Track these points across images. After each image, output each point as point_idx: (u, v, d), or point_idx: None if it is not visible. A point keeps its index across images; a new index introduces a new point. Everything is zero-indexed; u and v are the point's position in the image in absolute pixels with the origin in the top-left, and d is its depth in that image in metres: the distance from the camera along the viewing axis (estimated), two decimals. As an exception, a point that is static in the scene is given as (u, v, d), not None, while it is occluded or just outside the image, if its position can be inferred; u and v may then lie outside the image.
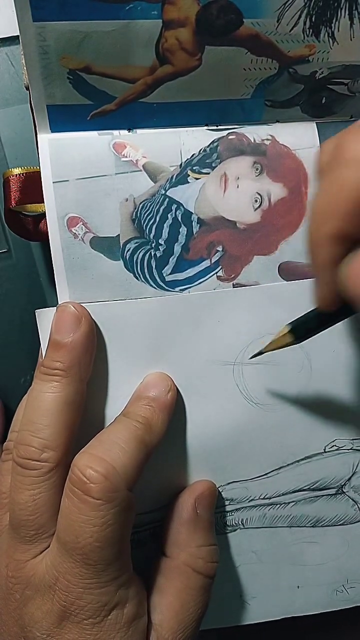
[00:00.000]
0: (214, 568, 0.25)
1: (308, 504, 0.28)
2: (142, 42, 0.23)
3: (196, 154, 0.26)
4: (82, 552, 0.21)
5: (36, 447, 0.23)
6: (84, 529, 0.21)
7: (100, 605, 0.21)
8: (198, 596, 0.24)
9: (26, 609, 0.22)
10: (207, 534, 0.25)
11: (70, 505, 0.21)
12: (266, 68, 0.24)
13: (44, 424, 0.23)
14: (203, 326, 0.26)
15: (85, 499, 0.21)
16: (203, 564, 0.24)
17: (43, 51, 0.23)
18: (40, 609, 0.22)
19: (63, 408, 0.23)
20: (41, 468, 0.22)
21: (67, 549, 0.21)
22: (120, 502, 0.21)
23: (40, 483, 0.22)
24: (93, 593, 0.21)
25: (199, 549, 0.25)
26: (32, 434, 0.23)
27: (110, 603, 0.21)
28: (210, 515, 0.26)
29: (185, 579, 0.24)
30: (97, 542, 0.21)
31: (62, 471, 0.23)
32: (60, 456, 0.23)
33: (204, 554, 0.25)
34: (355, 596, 0.29)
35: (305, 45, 0.24)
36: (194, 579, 0.24)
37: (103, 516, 0.21)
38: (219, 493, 0.27)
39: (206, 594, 0.24)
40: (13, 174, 0.27)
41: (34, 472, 0.23)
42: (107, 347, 0.25)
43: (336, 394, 0.27)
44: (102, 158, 0.25)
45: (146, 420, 0.24)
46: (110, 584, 0.21)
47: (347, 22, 0.23)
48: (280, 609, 0.28)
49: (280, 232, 0.26)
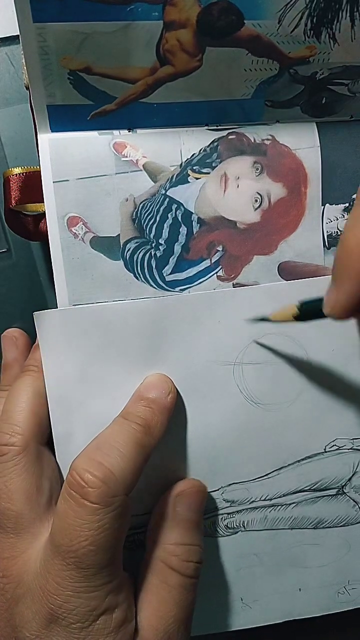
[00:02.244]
0: (191, 568, 0.24)
1: (309, 505, 0.28)
2: (142, 43, 0.23)
3: (196, 154, 0.26)
4: (75, 555, 0.21)
5: (5, 432, 0.24)
6: (79, 532, 0.21)
7: (89, 610, 0.21)
8: (177, 594, 0.23)
9: (17, 608, 0.22)
10: (185, 532, 0.25)
11: (66, 508, 0.21)
12: (267, 69, 0.25)
13: (15, 411, 0.25)
14: (203, 326, 0.26)
15: (83, 503, 0.21)
16: (178, 561, 0.24)
17: (43, 52, 0.23)
18: (30, 609, 0.21)
19: (32, 397, 0.25)
20: (8, 452, 0.24)
21: (60, 551, 0.21)
22: (117, 507, 0.21)
23: (10, 468, 0.24)
24: (82, 597, 0.21)
25: (176, 546, 0.24)
26: (4, 421, 0.25)
27: (99, 608, 0.21)
28: (191, 515, 0.25)
29: (161, 575, 0.24)
30: (92, 546, 0.21)
31: (31, 457, 0.24)
32: (26, 440, 0.24)
33: (180, 552, 0.24)
34: (357, 597, 0.29)
35: (306, 47, 0.24)
36: (169, 577, 0.24)
37: (99, 520, 0.21)
38: (220, 495, 0.27)
39: (187, 594, 0.24)
40: (13, 174, 0.27)
41: (3, 457, 0.24)
42: (107, 348, 0.25)
43: (336, 394, 0.27)
44: (102, 158, 0.25)
45: (145, 422, 0.24)
46: (100, 589, 0.21)
47: (348, 23, 0.24)
48: (282, 612, 0.28)
49: (280, 232, 0.26)
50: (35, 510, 0.23)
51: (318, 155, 0.26)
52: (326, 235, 0.27)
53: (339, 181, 0.26)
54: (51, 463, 0.25)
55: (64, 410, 0.25)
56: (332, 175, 0.26)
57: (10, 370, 0.28)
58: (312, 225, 0.26)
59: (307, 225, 0.26)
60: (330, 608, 0.28)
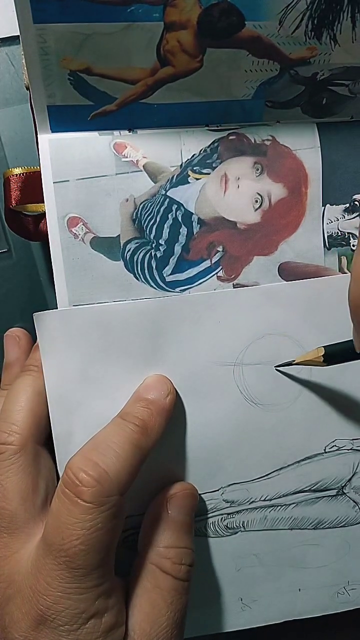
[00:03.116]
0: (182, 570, 0.24)
1: (309, 506, 0.28)
2: (143, 44, 0.23)
3: (197, 154, 0.26)
4: (66, 554, 0.21)
5: (3, 431, 0.24)
6: (71, 531, 0.21)
7: (78, 613, 0.21)
8: (169, 598, 0.23)
9: (7, 608, 0.22)
10: (178, 535, 0.25)
11: (60, 507, 0.21)
12: (267, 70, 0.25)
13: (14, 410, 0.25)
14: (203, 327, 0.26)
15: (76, 502, 0.21)
16: (170, 564, 0.24)
17: (43, 52, 0.23)
18: (19, 610, 0.21)
19: (31, 396, 0.25)
20: (5, 451, 0.24)
21: (51, 550, 0.21)
22: (110, 507, 0.21)
23: (7, 467, 0.24)
24: (71, 598, 0.21)
25: (167, 549, 0.24)
26: (3, 420, 0.25)
27: (88, 611, 0.21)
28: (183, 517, 0.25)
29: (153, 578, 0.24)
30: (83, 546, 0.21)
31: (28, 456, 0.24)
32: (24, 439, 0.24)
33: (172, 555, 0.24)
34: (356, 598, 0.29)
35: (306, 48, 0.24)
36: (162, 580, 0.24)
37: (92, 519, 0.21)
38: (220, 495, 0.27)
39: (179, 597, 0.23)
40: (13, 174, 0.27)
41: (0, 455, 0.24)
42: (107, 348, 0.25)
43: (336, 394, 0.27)
44: (102, 158, 0.25)
45: (143, 423, 0.24)
46: (91, 591, 0.21)
47: (349, 24, 0.24)
48: (281, 612, 0.28)
49: (280, 233, 0.26)
50: (30, 511, 0.23)
51: (318, 156, 0.26)
52: (326, 236, 0.27)
53: (339, 182, 0.26)
54: (48, 463, 0.25)
55: (63, 411, 0.25)
56: (332, 175, 0.26)
57: (11, 370, 0.28)
58: (312, 226, 0.26)
59: (307, 225, 0.26)
60: (330, 608, 0.28)
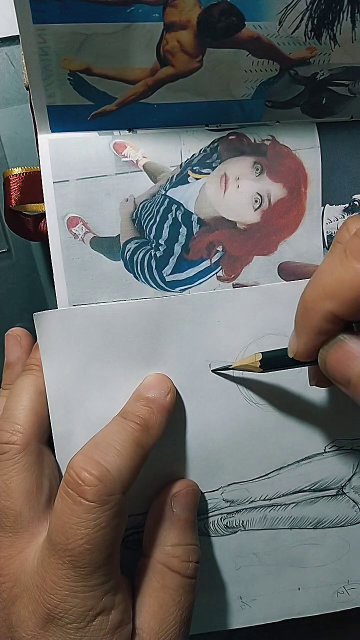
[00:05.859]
0: (190, 568, 0.24)
1: (309, 505, 0.28)
2: (143, 44, 0.23)
3: (196, 154, 0.26)
4: (71, 553, 0.21)
5: (6, 430, 0.24)
6: (75, 530, 0.21)
7: (85, 610, 0.21)
8: (177, 596, 0.23)
9: (14, 607, 0.22)
10: (184, 532, 0.25)
11: (63, 506, 0.21)
12: (267, 70, 0.25)
13: (16, 409, 0.25)
14: (203, 326, 0.26)
15: (79, 501, 0.21)
16: (178, 562, 0.24)
17: (43, 52, 0.23)
18: (26, 609, 0.21)
19: (34, 396, 0.25)
20: (9, 451, 0.24)
21: (56, 550, 0.21)
22: (114, 506, 0.21)
23: (11, 467, 0.24)
24: (78, 597, 0.21)
25: (175, 547, 0.24)
26: (6, 419, 0.25)
27: (95, 608, 0.21)
28: (187, 515, 0.25)
29: (161, 578, 0.24)
30: (88, 545, 0.21)
31: (31, 456, 0.24)
32: (27, 439, 0.24)
33: (180, 553, 0.24)
34: (356, 597, 0.29)
35: (306, 48, 0.24)
36: (170, 578, 0.24)
37: (96, 519, 0.21)
38: (220, 495, 0.27)
39: (187, 595, 0.24)
40: (13, 174, 0.27)
41: (4, 455, 0.24)
42: (107, 348, 0.25)
43: (336, 394, 0.27)
44: (102, 158, 0.25)
45: (143, 421, 0.24)
46: (97, 589, 0.21)
47: (349, 24, 0.24)
48: (281, 610, 0.28)
49: (280, 233, 0.26)
50: (34, 510, 0.23)
51: (318, 156, 0.26)
52: (326, 236, 0.27)
53: (339, 181, 0.26)
54: (51, 462, 0.25)
55: (64, 410, 0.26)
56: (332, 175, 0.26)
57: (12, 370, 0.28)
58: (312, 226, 0.27)
59: (307, 225, 0.26)
60: (329, 608, 0.29)
